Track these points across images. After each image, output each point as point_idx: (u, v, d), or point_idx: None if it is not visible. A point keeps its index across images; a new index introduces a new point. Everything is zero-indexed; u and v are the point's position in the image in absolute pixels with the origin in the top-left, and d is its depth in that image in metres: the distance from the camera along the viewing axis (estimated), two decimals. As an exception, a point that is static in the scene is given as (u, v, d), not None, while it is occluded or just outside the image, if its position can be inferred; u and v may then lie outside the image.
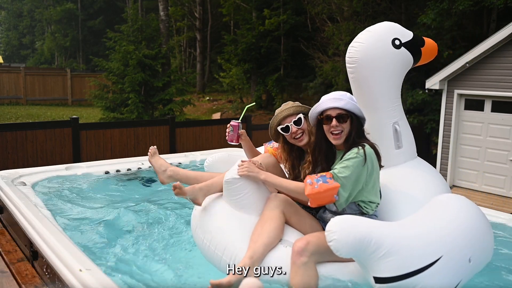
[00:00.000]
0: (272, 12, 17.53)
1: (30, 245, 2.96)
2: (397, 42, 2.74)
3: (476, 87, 8.53)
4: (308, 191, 2.27)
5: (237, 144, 2.96)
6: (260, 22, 17.55)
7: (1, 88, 19.02)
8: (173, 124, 8.93)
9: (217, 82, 21.51)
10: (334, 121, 2.38)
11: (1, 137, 7.05)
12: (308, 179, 2.31)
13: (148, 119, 11.69)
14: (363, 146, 2.35)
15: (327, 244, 2.03)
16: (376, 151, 2.41)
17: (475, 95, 8.67)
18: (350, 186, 2.30)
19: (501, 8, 10.33)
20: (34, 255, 2.89)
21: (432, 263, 2.09)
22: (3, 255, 3.13)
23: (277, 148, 2.94)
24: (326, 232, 2.04)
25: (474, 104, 8.75)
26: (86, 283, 2.19)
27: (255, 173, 2.48)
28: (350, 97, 2.46)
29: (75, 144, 7.74)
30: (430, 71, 10.02)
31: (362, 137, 2.45)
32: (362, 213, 2.43)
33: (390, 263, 2.02)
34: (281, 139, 2.84)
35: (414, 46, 2.80)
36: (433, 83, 9.03)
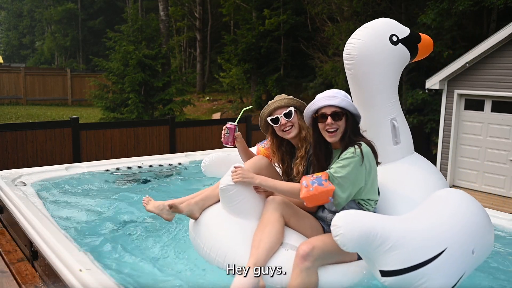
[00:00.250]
0: (272, 12, 17.54)
1: (30, 245, 2.96)
2: (395, 38, 2.74)
3: (476, 87, 8.53)
4: (303, 194, 2.27)
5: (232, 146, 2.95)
6: (260, 22, 17.56)
7: (1, 88, 19.02)
8: (173, 124, 8.93)
9: (217, 82, 21.50)
10: (329, 119, 2.37)
11: (1, 137, 7.05)
12: (304, 181, 2.31)
13: (148, 119, 11.69)
14: (360, 145, 2.33)
15: (332, 248, 2.03)
16: (373, 149, 2.40)
17: (475, 95, 8.66)
18: (348, 186, 2.29)
19: (501, 8, 10.32)
20: (34, 255, 2.89)
21: (437, 256, 2.12)
22: (3, 255, 3.13)
23: (269, 148, 2.92)
24: (332, 227, 2.04)
25: (474, 104, 8.74)
26: (86, 283, 2.20)
27: (250, 178, 2.47)
28: (345, 95, 2.46)
29: (75, 144, 7.73)
30: (430, 71, 10.01)
31: (358, 135, 2.44)
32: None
33: (396, 256, 2.04)
34: (270, 131, 2.82)
35: (411, 42, 2.81)
36: (433, 83, 9.02)
